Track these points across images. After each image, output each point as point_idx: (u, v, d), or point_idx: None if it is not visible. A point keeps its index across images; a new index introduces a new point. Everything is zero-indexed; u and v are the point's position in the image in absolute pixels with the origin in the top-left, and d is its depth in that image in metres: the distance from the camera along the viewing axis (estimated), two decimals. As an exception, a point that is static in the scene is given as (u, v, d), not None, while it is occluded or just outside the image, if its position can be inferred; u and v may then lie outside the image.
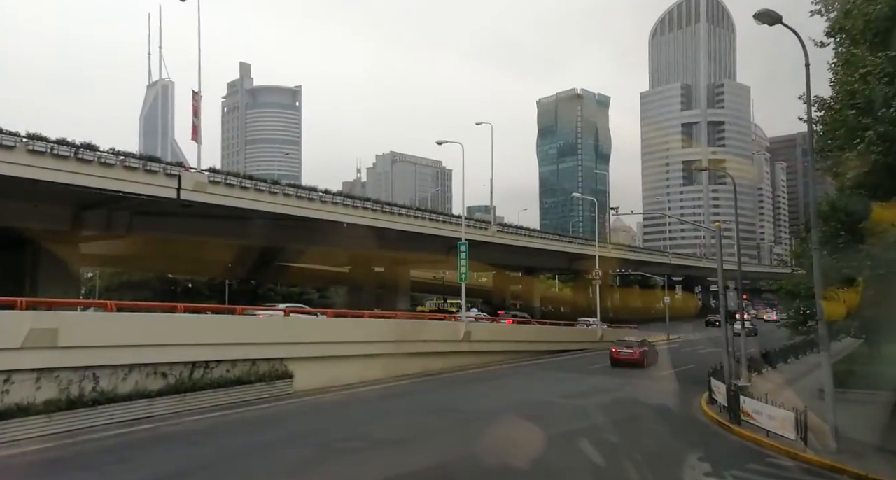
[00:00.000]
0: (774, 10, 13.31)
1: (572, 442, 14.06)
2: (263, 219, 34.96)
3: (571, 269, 68.75)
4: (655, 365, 31.17)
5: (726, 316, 24.03)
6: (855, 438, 13.11)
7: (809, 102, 14.83)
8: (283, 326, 23.39)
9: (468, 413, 18.36)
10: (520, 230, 55.70)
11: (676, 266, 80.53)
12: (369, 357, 24.96)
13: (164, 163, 29.95)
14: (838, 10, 14.27)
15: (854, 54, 13.53)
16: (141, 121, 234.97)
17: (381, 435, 15.13)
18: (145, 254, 44.44)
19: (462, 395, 22.48)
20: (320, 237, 40.01)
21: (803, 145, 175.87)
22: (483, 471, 12.04)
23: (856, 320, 14.99)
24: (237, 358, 19.98)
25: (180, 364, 18.33)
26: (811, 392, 18.11)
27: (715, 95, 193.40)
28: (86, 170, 26.46)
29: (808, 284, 15.08)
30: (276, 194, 34.37)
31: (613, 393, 22.30)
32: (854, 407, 14.82)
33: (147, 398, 16.97)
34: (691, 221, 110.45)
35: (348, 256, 51.45)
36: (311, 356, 22.50)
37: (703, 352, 35.41)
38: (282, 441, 14.63)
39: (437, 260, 52.28)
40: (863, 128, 12.31)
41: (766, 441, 14.28)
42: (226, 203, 31.65)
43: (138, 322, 18.85)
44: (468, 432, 15.72)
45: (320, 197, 36.85)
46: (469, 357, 30.90)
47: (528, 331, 39.71)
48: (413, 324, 31.45)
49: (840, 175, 15.04)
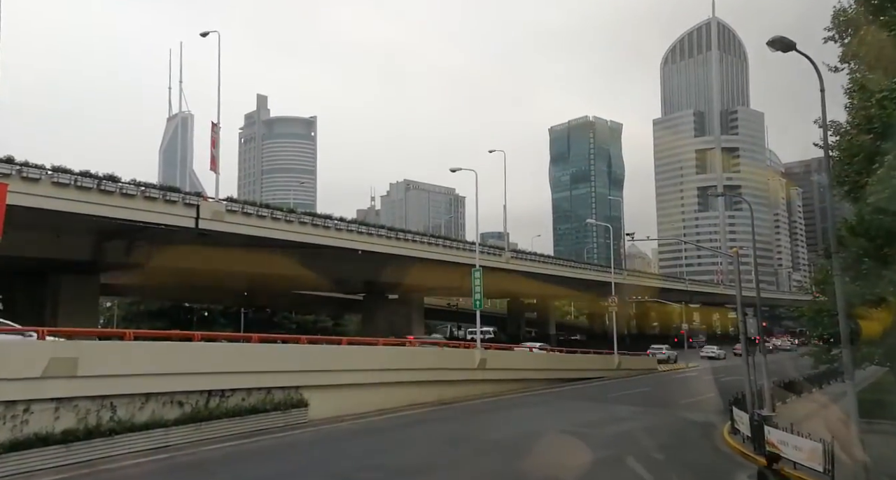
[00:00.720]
0: (787, 36, 13.44)
1: (591, 475, 13.74)
2: (279, 248, 35.30)
3: (586, 296, 68.14)
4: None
5: (746, 343, 23.56)
6: (885, 470, 12.67)
7: (825, 127, 14.81)
8: (298, 354, 23.34)
9: (485, 443, 18.06)
10: (534, 256, 55.56)
11: (694, 292, 79.50)
12: (384, 385, 24.76)
13: (184, 193, 30.52)
14: (852, 35, 14.37)
15: (870, 79, 13.56)
16: (161, 154, 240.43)
17: (397, 465, 14.92)
18: (163, 283, 44.91)
19: (478, 424, 22.14)
20: (335, 265, 40.23)
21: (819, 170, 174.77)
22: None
23: (881, 347, 14.66)
24: (253, 386, 19.93)
25: (196, 392, 18.32)
26: (838, 422, 17.60)
27: (728, 121, 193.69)
28: (108, 200, 27.04)
29: (833, 310, 14.82)
30: (291, 223, 34.77)
31: (632, 422, 21.84)
32: (883, 438, 14.37)
33: (163, 427, 16.92)
34: (708, 247, 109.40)
35: (363, 283, 51.55)
36: (327, 384, 22.38)
37: (724, 380, 34.65)
38: (298, 471, 14.48)
39: (452, 286, 52.22)
40: (881, 152, 12.26)
41: (793, 473, 13.84)
42: (243, 232, 32.06)
43: (155, 350, 18.94)
44: (485, 462, 15.46)
45: (335, 225, 37.20)
46: (484, 385, 30.52)
47: (544, 359, 39.20)
48: (428, 352, 31.25)
49: (859, 200, 14.90)
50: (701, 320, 72.20)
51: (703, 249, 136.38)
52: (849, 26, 14.40)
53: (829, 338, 19.70)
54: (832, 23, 14.84)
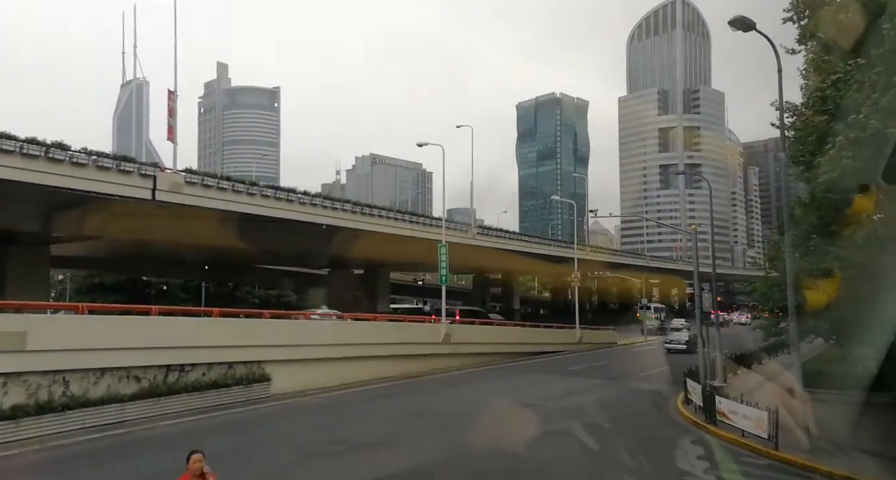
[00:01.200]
0: (748, 17, 13.60)
1: (549, 445, 14.13)
2: (241, 221, 34.51)
3: (550, 272, 69.17)
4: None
5: (702, 317, 24.36)
6: (826, 437, 13.40)
7: (782, 108, 15.15)
8: (260, 329, 23.09)
9: (448, 416, 18.33)
10: (500, 233, 55.84)
11: (654, 268, 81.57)
12: (349, 359, 24.79)
13: (139, 164, 29.36)
14: (810, 17, 14.63)
15: (825, 61, 13.88)
16: (114, 121, 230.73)
17: (360, 439, 15.02)
18: (119, 256, 43.55)
19: (442, 398, 22.43)
20: (299, 239, 39.62)
21: (775, 150, 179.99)
22: (462, 473, 12.03)
23: (825, 321, 15.33)
24: (213, 361, 19.68)
25: (154, 367, 17.99)
26: (783, 392, 18.46)
27: (691, 100, 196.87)
28: (56, 169, 25.80)
29: (783, 285, 15.39)
30: (254, 196, 33.93)
31: (591, 394, 22.47)
32: (824, 407, 15.15)
33: (120, 402, 16.60)
34: (668, 224, 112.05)
35: (327, 258, 51.05)
36: (290, 359, 22.27)
37: (679, 353, 35.88)
38: (259, 446, 14.43)
39: (418, 262, 52.24)
40: (833, 133, 12.64)
41: (741, 440, 14.52)
42: (203, 204, 31.14)
43: (110, 325, 18.43)
44: (448, 434, 15.70)
45: (299, 198, 36.48)
46: (450, 359, 30.87)
47: (509, 333, 39.82)
48: (393, 326, 31.33)
49: (811, 179, 15.38)
50: (660, 294, 74.16)
51: (664, 226, 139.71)
52: (806, 8, 14.64)
53: (779, 312, 20.53)
54: (790, 4, 15.07)
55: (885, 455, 12.14)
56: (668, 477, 11.80)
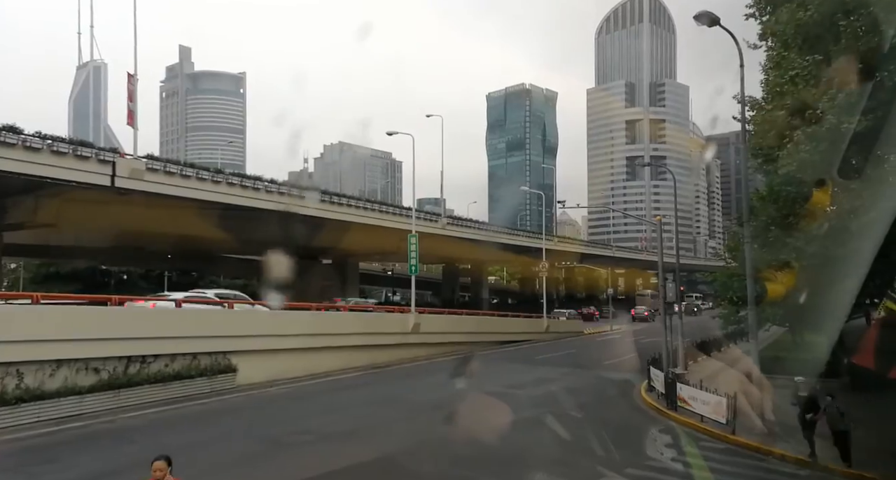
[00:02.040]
0: (713, 12, 13.87)
1: (519, 433, 14.32)
2: (206, 210, 33.77)
3: (519, 262, 69.79)
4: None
5: (666, 307, 24.96)
6: (781, 421, 13.94)
7: (743, 102, 15.56)
8: (225, 318, 22.71)
9: (416, 405, 18.41)
10: (469, 223, 55.99)
11: (620, 258, 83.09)
12: (316, 349, 24.61)
13: (97, 149, 28.39)
14: (771, 13, 15.01)
15: (784, 57, 14.28)
16: (70, 104, 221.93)
17: (328, 428, 14.96)
18: (76, 245, 42.13)
19: (410, 387, 22.51)
20: (266, 228, 39.00)
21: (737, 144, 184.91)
22: (430, 460, 12.12)
23: (781, 309, 15.91)
24: (177, 352, 19.29)
25: (114, 359, 17.54)
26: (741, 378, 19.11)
27: (657, 94, 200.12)
28: (8, 154, 24.73)
29: (742, 275, 15.87)
30: (219, 183, 33.23)
31: (558, 382, 22.84)
32: (779, 392, 15.75)
33: (77, 395, 16.14)
34: (633, 215, 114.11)
35: (295, 248, 50.39)
36: (256, 349, 21.98)
37: (644, 342, 36.74)
38: (224, 437, 14.25)
39: (387, 252, 51.98)
40: (791, 127, 13.04)
41: (700, 425, 14.99)
42: (165, 192, 30.35)
43: (67, 315, 17.87)
44: (416, 423, 15.78)
45: (266, 186, 35.88)
46: (418, 349, 30.94)
47: (477, 323, 40.09)
48: (361, 316, 31.22)
49: (770, 172, 15.86)
50: (625, 284, 75.69)
51: (630, 217, 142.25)
52: (768, 4, 15.00)
53: (738, 301, 21.19)
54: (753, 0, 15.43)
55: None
56: (632, 462, 12.10)
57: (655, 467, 11.77)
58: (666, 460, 12.29)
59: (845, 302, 11.89)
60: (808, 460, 11.96)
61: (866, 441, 11.70)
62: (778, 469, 12.05)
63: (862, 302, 14.45)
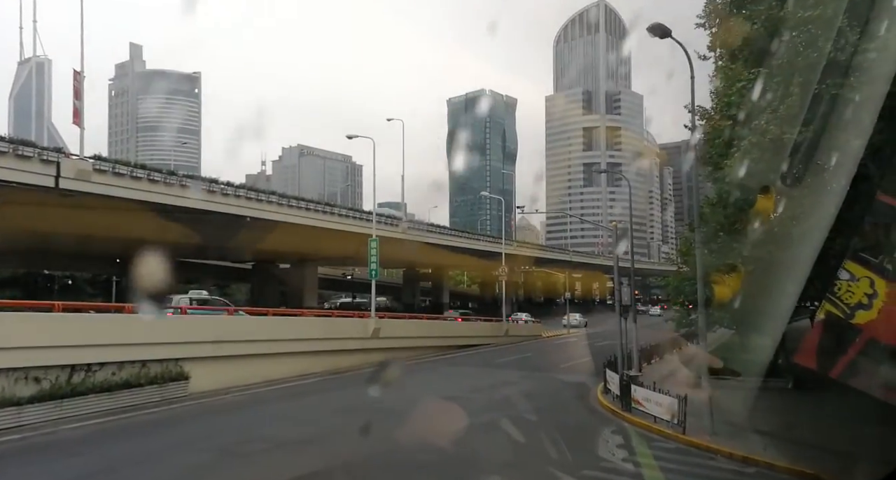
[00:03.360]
0: (666, 24, 14.34)
1: (477, 437, 14.38)
2: (158, 213, 32.72)
3: (479, 266, 70.23)
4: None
5: (621, 310, 25.53)
6: (728, 420, 14.44)
7: (693, 112, 16.11)
8: (177, 325, 22.04)
9: (374, 412, 18.23)
10: (430, 227, 56.08)
11: (577, 263, 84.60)
12: (274, 355, 24.14)
13: (40, 149, 27.21)
14: (719, 26, 15.63)
15: (731, 68, 14.89)
16: (10, 102, 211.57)
17: (284, 436, 14.66)
18: (16, 248, 40.12)
19: (370, 392, 22.28)
20: (221, 232, 38.07)
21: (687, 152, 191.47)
22: (391, 467, 12.03)
23: (728, 312, 16.50)
24: (125, 359, 18.61)
25: (57, 367, 16.80)
26: (691, 379, 19.73)
27: (613, 102, 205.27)
28: (-58, 153, 23.50)
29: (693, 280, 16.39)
30: (172, 186, 32.30)
31: (517, 386, 23.06)
32: (726, 392, 16.33)
33: (16, 405, 15.37)
34: (590, 221, 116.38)
35: (252, 252, 49.38)
36: (210, 356, 21.40)
37: (599, 345, 37.46)
38: (173, 447, 13.78)
39: (347, 256, 51.50)
40: (738, 137, 13.59)
41: (653, 426, 15.38)
42: (114, 193, 29.32)
43: (4, 322, 17.00)
44: (376, 429, 15.62)
45: (222, 189, 35.09)
46: (379, 353, 30.68)
47: (437, 327, 40.10)
48: (319, 322, 30.80)
49: (719, 180, 16.48)
50: (582, 288, 77.02)
51: (587, 222, 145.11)
52: (716, 17, 15.62)
53: (689, 304, 21.87)
54: (703, 11, 16.05)
55: (778, 435, 13.25)
56: (587, 464, 12.30)
57: (609, 468, 12.00)
58: (618, 461, 12.55)
59: (788, 304, 12.42)
60: (754, 457, 12.41)
61: (807, 438, 12.24)
62: (724, 467, 12.47)
63: (803, 304, 15.14)
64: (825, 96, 11.41)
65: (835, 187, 11.24)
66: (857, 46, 10.96)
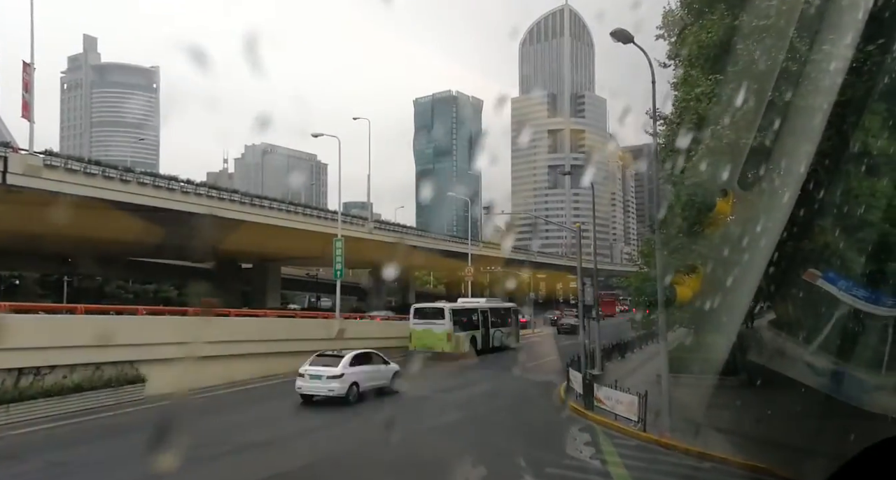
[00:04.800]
0: (628, 30, 14.66)
1: (442, 436, 14.40)
2: (114, 210, 31.70)
3: (446, 266, 70.38)
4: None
5: (584, 310, 25.97)
6: (686, 417, 14.84)
7: (655, 117, 16.54)
8: (133, 326, 21.39)
9: (337, 412, 18.07)
10: (396, 227, 55.95)
11: (541, 263, 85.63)
12: (235, 357, 23.66)
13: (-14, 143, 26.07)
14: (678, 35, 16.10)
15: (690, 75, 15.35)
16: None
17: (244, 439, 14.38)
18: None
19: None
20: (181, 231, 37.13)
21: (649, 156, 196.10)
22: (352, 468, 11.94)
23: (687, 312, 16.96)
24: (76, 362, 17.97)
25: (3, 371, 16.09)
26: (652, 377, 20.21)
27: (577, 105, 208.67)
28: None
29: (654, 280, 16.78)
30: (128, 183, 31.41)
31: (482, 385, 23.19)
32: (684, 390, 16.77)
33: (-41, 413, 14.67)
34: (555, 222, 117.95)
35: (213, 252, 48.29)
36: (168, 357, 20.81)
37: (564, 344, 37.99)
38: (127, 453, 13.34)
39: (312, 256, 50.90)
40: (697, 142, 14.02)
41: (614, 423, 15.69)
42: (66, 190, 28.31)
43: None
44: (340, 430, 15.50)
45: (182, 187, 34.30)
46: (342, 355, 30.41)
47: (404, 327, 39.93)
48: (283, 323, 30.35)
49: (678, 183, 16.94)
50: (546, 288, 77.92)
51: (551, 224, 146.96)
52: (675, 26, 16.08)
53: (650, 304, 22.37)
54: (662, 22, 16.49)
55: (732, 431, 13.69)
56: (551, 462, 12.46)
57: (573, 466, 12.18)
58: (586, 458, 12.75)
59: (742, 305, 12.87)
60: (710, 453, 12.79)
61: (761, 434, 12.68)
62: (682, 463, 12.82)
63: (756, 305, 15.69)
64: (778, 103, 11.86)
65: (786, 191, 11.70)
66: (807, 57, 11.43)
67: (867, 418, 10.85)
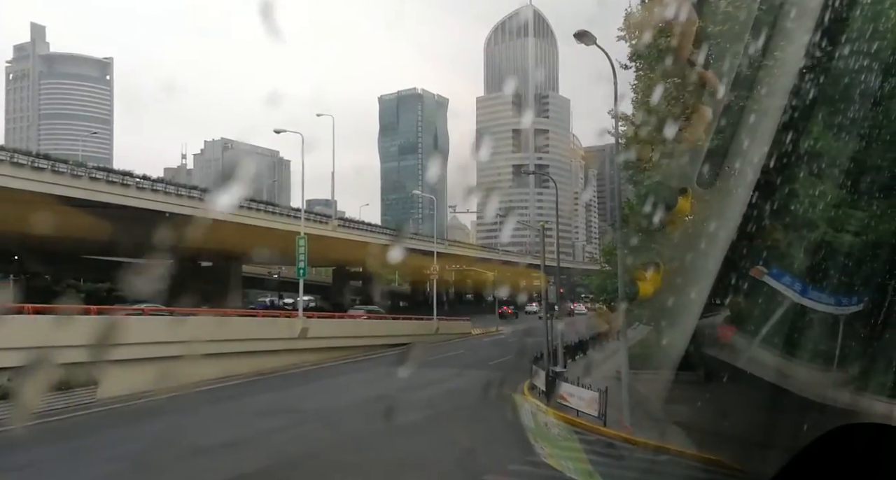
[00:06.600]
0: (591, 32, 14.87)
1: (405, 437, 14.33)
2: (64, 206, 30.44)
3: (411, 265, 70.15)
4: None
5: (547, 308, 26.30)
6: (645, 412, 15.18)
7: (616, 118, 16.83)
8: (84, 326, 20.56)
9: (301, 413, 17.81)
10: (361, 225, 55.48)
11: (505, 262, 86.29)
12: (192, 357, 23.01)
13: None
14: (638, 37, 16.41)
15: (650, 78, 15.67)
16: None
17: (204, 442, 14.00)
18: None
19: (296, 394, 21.77)
20: (137, 227, 35.93)
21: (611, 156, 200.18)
22: (315, 470, 11.77)
23: (646, 309, 17.34)
24: (21, 364, 17.16)
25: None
26: (612, 374, 20.58)
27: (541, 105, 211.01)
28: None
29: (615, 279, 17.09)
30: (80, 178, 30.25)
31: (446, 384, 23.18)
32: (644, 386, 17.15)
33: None
34: (519, 221, 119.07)
35: (170, 249, 46.89)
36: (122, 358, 20.14)
37: (528, 341, 38.35)
38: (78, 457, 12.85)
39: (274, 254, 49.96)
40: (655, 141, 14.34)
41: (576, 420, 15.92)
42: (12, 185, 27.08)
43: None
44: (300, 431, 15.26)
45: (137, 183, 33.23)
46: (306, 354, 30.03)
47: (367, 326, 39.69)
48: (244, 322, 29.75)
49: (638, 183, 17.30)
50: (510, 286, 78.64)
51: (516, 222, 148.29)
52: (636, 29, 16.40)
53: (612, 302, 22.81)
54: (623, 24, 16.82)
55: (689, 425, 14.06)
56: (514, 459, 12.55)
57: (536, 462, 12.29)
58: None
59: (699, 301, 13.20)
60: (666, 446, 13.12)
61: (715, 427, 13.05)
62: (640, 457, 13.11)
63: (712, 302, 16.14)
64: (734, 107, 12.21)
65: (741, 192, 12.06)
66: (760, 62, 11.81)
67: (818, 409, 11.28)
